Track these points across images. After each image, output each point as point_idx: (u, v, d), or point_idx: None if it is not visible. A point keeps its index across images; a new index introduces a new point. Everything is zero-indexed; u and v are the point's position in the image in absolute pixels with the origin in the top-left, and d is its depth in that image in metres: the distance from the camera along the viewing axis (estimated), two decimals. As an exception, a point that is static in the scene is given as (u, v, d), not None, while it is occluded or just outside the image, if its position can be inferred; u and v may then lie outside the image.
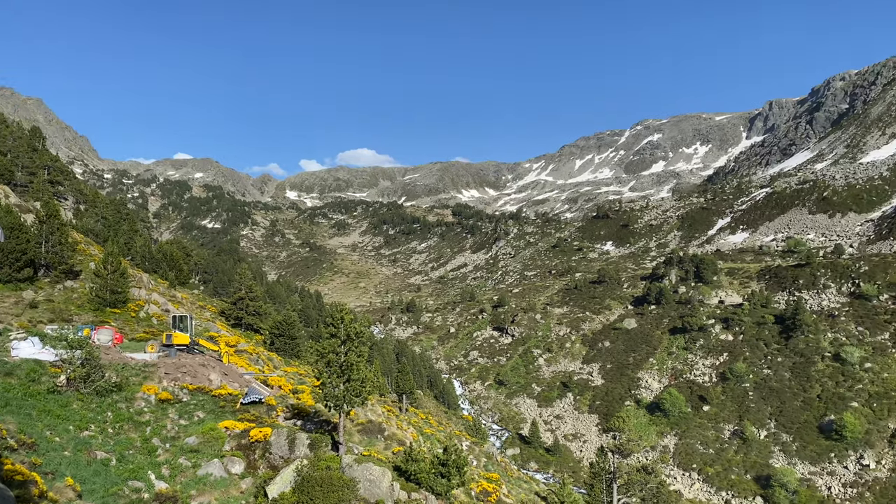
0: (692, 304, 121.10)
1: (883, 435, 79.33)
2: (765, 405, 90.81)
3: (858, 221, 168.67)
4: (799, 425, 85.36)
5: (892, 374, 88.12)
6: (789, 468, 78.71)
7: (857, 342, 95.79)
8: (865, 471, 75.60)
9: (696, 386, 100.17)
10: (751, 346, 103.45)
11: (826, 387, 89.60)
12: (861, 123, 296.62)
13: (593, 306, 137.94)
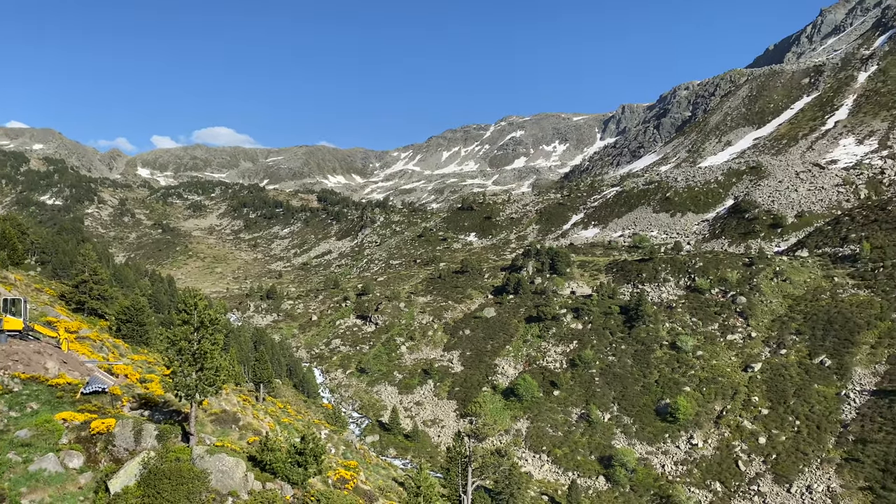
0: (547, 294, 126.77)
1: (710, 416, 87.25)
2: (609, 390, 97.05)
3: (696, 221, 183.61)
4: (639, 408, 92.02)
5: (719, 361, 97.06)
6: (629, 448, 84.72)
7: (691, 332, 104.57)
8: (694, 449, 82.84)
9: (548, 372, 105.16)
10: (598, 335, 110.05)
11: (663, 373, 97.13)
12: (701, 131, 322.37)
13: (456, 295, 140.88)
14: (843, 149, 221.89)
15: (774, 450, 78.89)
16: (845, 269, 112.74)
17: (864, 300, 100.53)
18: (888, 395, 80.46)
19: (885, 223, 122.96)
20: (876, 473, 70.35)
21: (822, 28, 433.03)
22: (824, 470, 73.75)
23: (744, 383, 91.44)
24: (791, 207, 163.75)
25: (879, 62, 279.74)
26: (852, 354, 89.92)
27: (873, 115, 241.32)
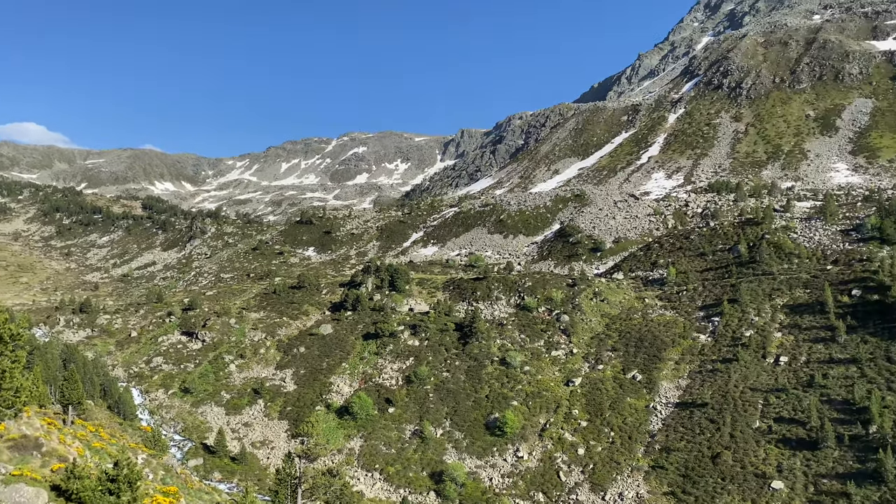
0: (386, 311, 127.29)
1: (535, 430, 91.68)
2: (443, 405, 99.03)
3: (526, 243, 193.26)
4: (470, 423, 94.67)
5: (544, 376, 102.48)
6: (459, 463, 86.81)
7: (520, 348, 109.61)
8: (520, 462, 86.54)
9: (384, 389, 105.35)
10: (434, 351, 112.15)
11: (493, 388, 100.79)
12: (533, 158, 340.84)
13: (291, 311, 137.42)
14: (655, 182, 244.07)
15: (591, 460, 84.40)
16: (654, 292, 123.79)
17: (670, 320, 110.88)
18: (688, 407, 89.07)
19: (688, 250, 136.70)
20: (678, 479, 77.37)
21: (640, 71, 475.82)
22: (634, 477, 79.95)
23: (565, 397, 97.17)
24: (610, 233, 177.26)
25: (686, 105, 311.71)
26: (659, 370, 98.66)
27: (680, 152, 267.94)
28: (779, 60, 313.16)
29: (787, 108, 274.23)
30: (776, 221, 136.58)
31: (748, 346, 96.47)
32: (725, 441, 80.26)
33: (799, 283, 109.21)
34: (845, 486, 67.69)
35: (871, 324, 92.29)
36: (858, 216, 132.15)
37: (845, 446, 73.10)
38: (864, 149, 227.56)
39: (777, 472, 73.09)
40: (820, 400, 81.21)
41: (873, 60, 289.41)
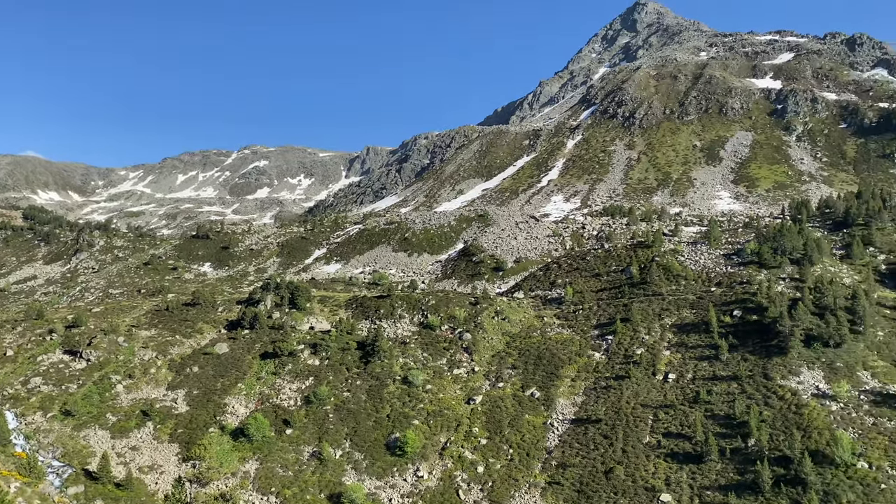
0: (285, 329, 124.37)
1: (436, 448, 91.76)
2: (343, 426, 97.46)
3: (430, 261, 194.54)
4: (370, 444, 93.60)
5: (446, 394, 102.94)
6: (358, 484, 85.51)
7: (423, 366, 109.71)
8: (420, 481, 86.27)
9: (281, 410, 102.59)
10: (335, 371, 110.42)
11: (395, 407, 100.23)
12: (437, 178, 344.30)
13: (185, 329, 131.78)
14: (554, 204, 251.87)
15: (490, 477, 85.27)
16: (553, 311, 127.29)
17: (567, 338, 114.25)
18: (584, 423, 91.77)
19: (584, 271, 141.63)
20: (573, 494, 79.36)
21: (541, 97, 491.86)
22: (531, 494, 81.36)
23: (466, 415, 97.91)
24: (511, 253, 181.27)
25: (584, 132, 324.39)
26: (557, 387, 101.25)
27: (578, 177, 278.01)
28: (669, 93, 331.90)
29: (676, 137, 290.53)
30: (665, 245, 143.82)
31: (639, 364, 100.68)
32: (618, 456, 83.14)
33: (686, 303, 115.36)
34: (727, 497, 71.54)
35: (751, 342, 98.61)
36: (739, 241, 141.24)
37: (727, 459, 77.35)
38: (744, 178, 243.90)
39: (665, 486, 76.34)
40: (704, 415, 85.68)
41: (753, 96, 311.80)
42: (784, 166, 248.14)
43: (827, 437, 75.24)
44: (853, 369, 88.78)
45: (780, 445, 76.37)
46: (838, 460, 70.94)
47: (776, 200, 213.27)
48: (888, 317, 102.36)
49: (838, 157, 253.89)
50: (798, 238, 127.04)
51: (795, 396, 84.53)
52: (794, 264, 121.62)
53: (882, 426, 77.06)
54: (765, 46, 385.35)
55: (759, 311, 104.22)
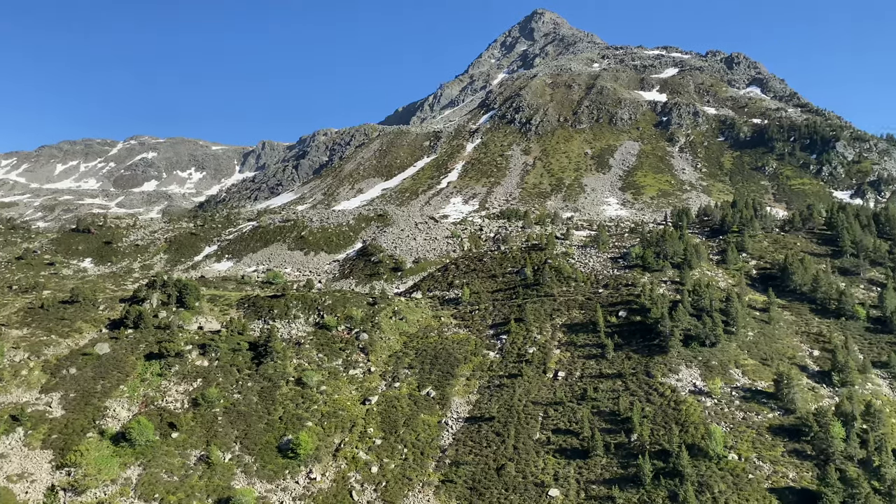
0: (172, 329, 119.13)
1: (329, 450, 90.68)
2: (232, 429, 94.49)
3: (328, 261, 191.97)
4: (261, 446, 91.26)
5: (341, 395, 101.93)
6: (248, 488, 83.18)
7: (317, 367, 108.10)
8: (313, 483, 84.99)
9: (167, 413, 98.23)
10: (225, 372, 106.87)
11: (288, 409, 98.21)
12: (336, 176, 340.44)
13: (62, 329, 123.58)
14: (453, 206, 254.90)
15: (385, 477, 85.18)
16: (450, 311, 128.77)
17: (463, 338, 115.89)
18: (477, 421, 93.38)
19: (481, 272, 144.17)
20: (465, 492, 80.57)
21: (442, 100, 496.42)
22: (425, 493, 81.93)
23: (362, 416, 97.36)
24: (410, 254, 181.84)
25: (483, 136, 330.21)
26: (452, 386, 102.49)
27: (476, 180, 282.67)
28: (564, 101, 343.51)
29: (570, 145, 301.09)
30: (557, 248, 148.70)
31: (531, 363, 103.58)
32: (510, 453, 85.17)
33: (576, 304, 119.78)
34: (611, 490, 74.83)
35: (635, 342, 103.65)
36: (626, 246, 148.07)
37: (612, 454, 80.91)
38: (631, 186, 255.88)
39: (554, 481, 78.91)
40: (591, 412, 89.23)
41: (641, 108, 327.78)
42: (667, 175, 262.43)
43: (702, 431, 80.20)
44: (726, 367, 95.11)
45: (661, 440, 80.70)
46: (712, 453, 75.78)
47: (660, 207, 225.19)
48: (757, 318, 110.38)
49: (716, 168, 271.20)
50: (679, 243, 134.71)
51: (674, 393, 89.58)
52: (675, 268, 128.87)
53: (750, 420, 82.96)
54: (652, 61, 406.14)
55: (642, 312, 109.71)
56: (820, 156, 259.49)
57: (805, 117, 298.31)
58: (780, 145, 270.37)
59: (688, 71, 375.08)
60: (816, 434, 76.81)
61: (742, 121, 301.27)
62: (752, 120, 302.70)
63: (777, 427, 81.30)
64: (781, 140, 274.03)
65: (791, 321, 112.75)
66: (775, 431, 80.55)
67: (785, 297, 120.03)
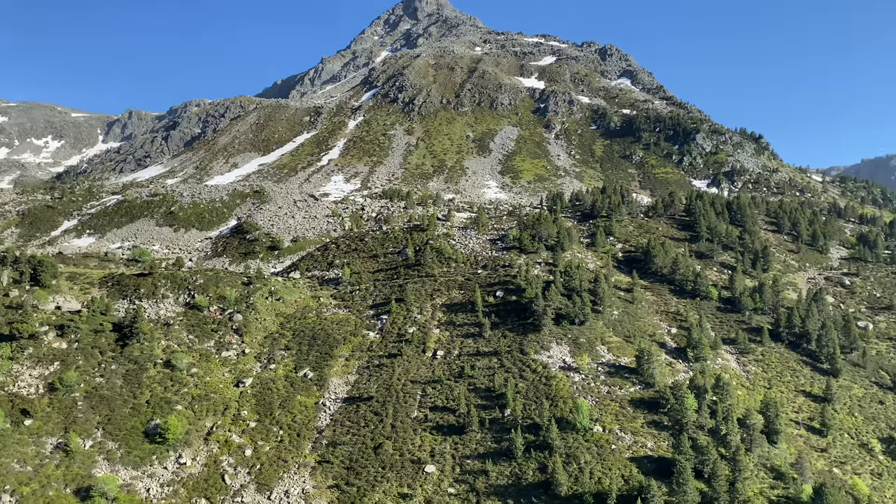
0: (25, 309, 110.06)
1: (200, 434, 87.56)
2: (94, 414, 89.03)
3: (199, 238, 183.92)
4: (126, 432, 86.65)
5: (213, 377, 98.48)
6: (112, 476, 78.85)
7: (188, 349, 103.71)
8: (182, 468, 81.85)
9: (19, 399, 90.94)
10: (85, 355, 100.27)
11: (156, 392, 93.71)
12: (210, 149, 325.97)
13: None
14: (335, 184, 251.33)
15: (259, 460, 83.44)
16: (330, 291, 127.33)
17: (343, 318, 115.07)
18: (356, 401, 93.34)
19: (362, 252, 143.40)
20: (343, 472, 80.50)
21: (323, 74, 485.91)
22: (301, 474, 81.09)
23: (235, 398, 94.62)
24: (289, 232, 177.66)
25: (365, 114, 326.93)
26: (330, 366, 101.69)
27: (358, 158, 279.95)
28: (446, 83, 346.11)
29: (452, 127, 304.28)
30: (439, 229, 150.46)
31: (411, 342, 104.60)
32: (387, 431, 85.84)
33: (455, 284, 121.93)
34: (485, 464, 77.28)
35: (510, 321, 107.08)
36: (504, 228, 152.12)
37: (486, 429, 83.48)
38: (510, 170, 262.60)
39: (430, 457, 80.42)
40: (468, 389, 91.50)
41: (520, 94, 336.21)
42: (544, 161, 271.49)
43: (570, 405, 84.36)
44: (593, 344, 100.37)
45: (532, 414, 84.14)
46: (579, 426, 79.96)
47: (536, 192, 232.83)
48: (622, 298, 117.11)
49: (588, 155, 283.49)
50: (553, 227, 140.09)
51: (546, 369, 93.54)
52: (549, 250, 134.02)
53: (614, 394, 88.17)
54: (532, 48, 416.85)
55: (518, 292, 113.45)
56: (682, 146, 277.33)
57: (670, 110, 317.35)
58: (646, 135, 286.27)
59: (564, 60, 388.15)
60: (672, 406, 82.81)
61: (613, 111, 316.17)
62: (622, 110, 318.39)
63: (638, 400, 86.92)
64: (648, 130, 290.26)
65: (652, 301, 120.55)
66: (636, 404, 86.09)
67: (647, 278, 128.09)
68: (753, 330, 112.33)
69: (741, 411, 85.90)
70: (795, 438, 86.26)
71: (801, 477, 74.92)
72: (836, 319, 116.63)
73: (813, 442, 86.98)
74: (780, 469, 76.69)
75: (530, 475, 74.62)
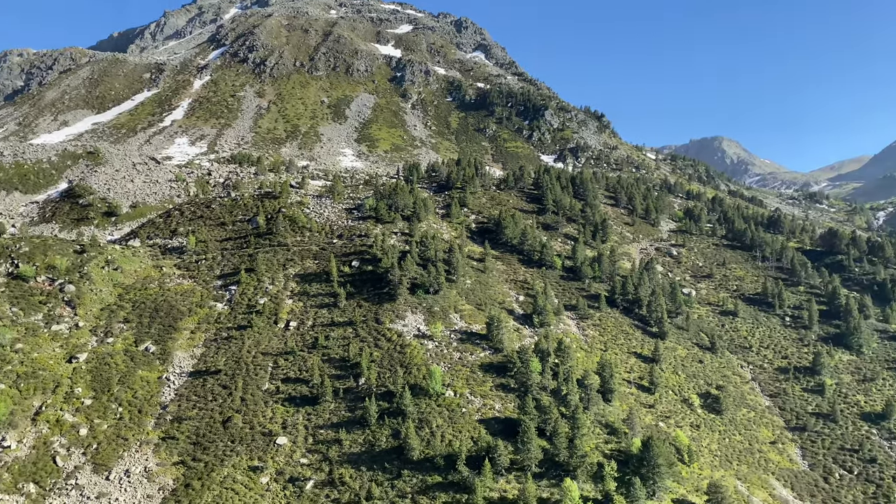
0: None
1: (27, 414, 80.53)
2: None
3: (23, 202, 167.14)
4: (-64, 416, 77.88)
5: (42, 353, 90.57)
6: (-81, 466, 70.79)
7: (11, 323, 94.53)
8: (6, 452, 75.04)
9: None
10: None
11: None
12: (35, 105, 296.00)
13: None
14: (178, 147, 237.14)
15: (95, 439, 78.25)
16: (173, 260, 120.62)
17: (188, 289, 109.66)
18: (203, 375, 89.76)
19: (209, 219, 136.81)
20: (189, 447, 77.41)
21: (166, 29, 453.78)
22: (143, 452, 77.06)
23: (67, 375, 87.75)
24: (127, 197, 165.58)
25: (212, 74, 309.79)
26: (175, 340, 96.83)
27: (205, 120, 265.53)
28: (300, 45, 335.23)
29: (306, 91, 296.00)
30: (292, 197, 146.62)
31: (262, 313, 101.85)
32: (237, 405, 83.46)
33: (310, 254, 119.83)
34: (338, 433, 77.37)
35: (366, 290, 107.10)
36: (360, 197, 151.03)
37: (340, 398, 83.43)
38: (366, 138, 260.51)
39: (282, 429, 79.26)
40: (322, 359, 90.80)
41: (377, 61, 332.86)
42: (400, 130, 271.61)
43: (424, 371, 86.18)
44: (447, 312, 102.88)
45: (387, 382, 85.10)
46: (432, 391, 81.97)
47: (393, 161, 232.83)
48: (475, 268, 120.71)
49: (444, 127, 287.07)
50: (409, 197, 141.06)
51: (401, 338, 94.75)
52: (406, 220, 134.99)
53: (465, 360, 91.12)
54: (388, 15, 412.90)
55: (374, 262, 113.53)
56: (532, 122, 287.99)
57: (521, 86, 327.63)
58: (499, 110, 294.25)
59: (421, 30, 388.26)
60: (519, 369, 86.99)
61: (468, 83, 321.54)
62: (477, 84, 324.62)
63: (488, 365, 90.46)
64: (501, 105, 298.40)
65: (503, 270, 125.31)
66: (486, 369, 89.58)
67: (498, 248, 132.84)
68: (592, 297, 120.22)
69: (580, 372, 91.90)
70: (627, 396, 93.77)
71: (631, 431, 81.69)
72: (664, 287, 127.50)
73: (642, 399, 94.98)
74: (613, 425, 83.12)
75: (384, 442, 75.70)
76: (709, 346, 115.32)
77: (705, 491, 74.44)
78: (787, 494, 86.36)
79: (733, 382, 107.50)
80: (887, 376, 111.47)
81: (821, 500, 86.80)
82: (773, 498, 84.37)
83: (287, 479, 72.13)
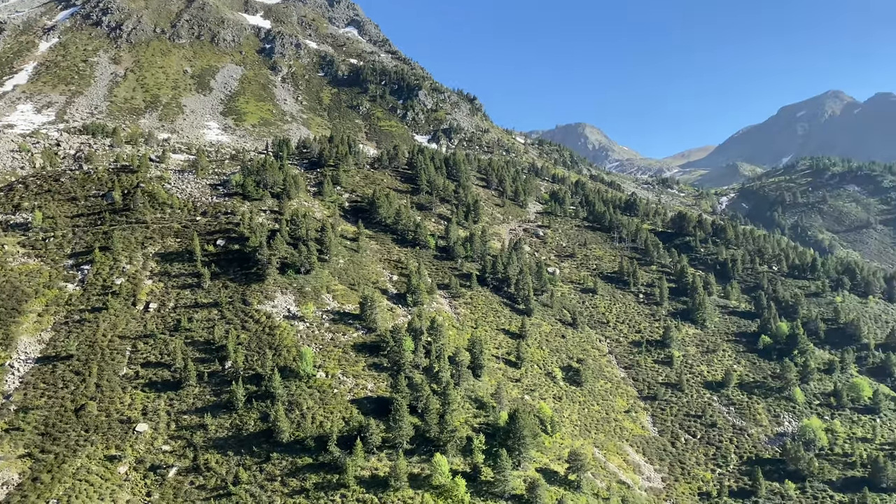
0: None
1: None
2: None
3: None
4: None
5: None
6: None
7: None
8: None
9: None
10: None
11: None
12: None
13: None
14: (22, 115, 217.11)
15: (-75, 436, 70.83)
16: (16, 237, 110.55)
17: (34, 269, 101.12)
18: (52, 361, 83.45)
19: (58, 194, 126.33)
20: (37, 438, 71.95)
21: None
22: (-18, 446, 70.72)
23: None
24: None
25: (61, 36, 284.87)
26: (19, 324, 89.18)
27: (52, 86, 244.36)
28: (161, 10, 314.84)
29: (167, 59, 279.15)
30: (152, 171, 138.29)
31: (119, 295, 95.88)
32: (91, 392, 78.42)
33: (171, 232, 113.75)
34: (203, 418, 74.64)
35: (233, 270, 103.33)
36: (226, 173, 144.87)
37: (205, 383, 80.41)
38: (233, 112, 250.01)
39: (142, 416, 75.41)
40: (185, 343, 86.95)
41: (244, 32, 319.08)
42: (270, 104, 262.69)
43: (294, 353, 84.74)
44: (319, 293, 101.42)
45: (255, 365, 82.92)
46: (302, 373, 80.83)
47: (261, 136, 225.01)
48: (348, 247, 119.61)
49: (316, 102, 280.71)
50: (279, 174, 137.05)
51: (270, 319, 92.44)
52: (275, 198, 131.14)
53: (338, 340, 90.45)
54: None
55: (241, 241, 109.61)
56: (406, 101, 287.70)
57: (395, 64, 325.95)
58: (373, 87, 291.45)
59: (292, 1, 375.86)
60: (392, 348, 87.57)
61: (341, 59, 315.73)
62: (350, 60, 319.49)
63: (361, 345, 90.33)
64: (374, 83, 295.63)
65: (376, 250, 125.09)
66: (359, 349, 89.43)
67: (372, 228, 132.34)
68: (464, 276, 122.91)
69: (452, 350, 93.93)
70: (496, 371, 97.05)
71: (499, 405, 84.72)
72: (531, 266, 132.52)
73: (509, 374, 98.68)
74: (482, 399, 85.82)
75: (252, 425, 73.94)
76: (571, 321, 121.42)
77: (566, 459, 78.73)
78: (640, 459, 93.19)
79: (592, 356, 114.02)
80: (727, 348, 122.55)
81: (668, 463, 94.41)
82: (627, 463, 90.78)
83: (148, 468, 68.91)
